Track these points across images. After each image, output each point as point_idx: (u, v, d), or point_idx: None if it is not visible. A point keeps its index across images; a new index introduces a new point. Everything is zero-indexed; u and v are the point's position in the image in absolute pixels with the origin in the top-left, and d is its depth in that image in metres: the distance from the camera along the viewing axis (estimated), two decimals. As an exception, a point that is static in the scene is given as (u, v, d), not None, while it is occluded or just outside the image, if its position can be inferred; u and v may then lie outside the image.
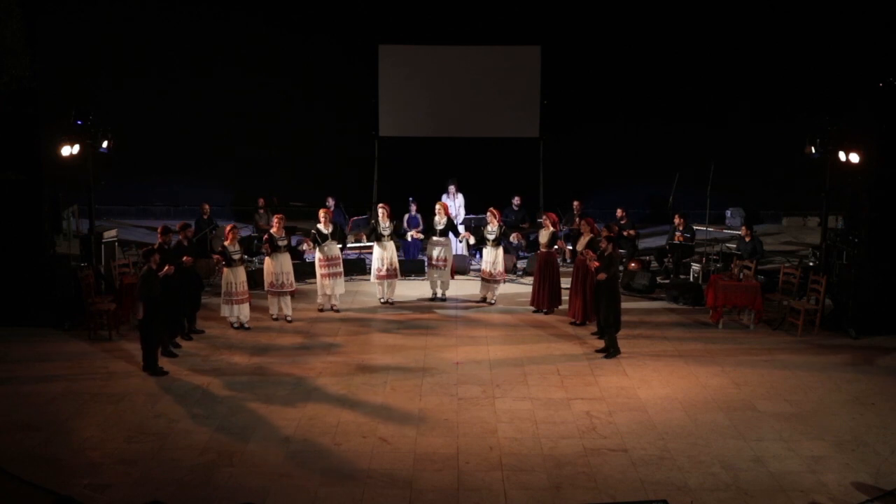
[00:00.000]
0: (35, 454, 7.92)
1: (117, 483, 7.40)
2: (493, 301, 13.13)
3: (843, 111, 13.07)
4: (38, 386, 9.60)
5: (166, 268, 10.06)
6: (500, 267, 12.95)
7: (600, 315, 10.99)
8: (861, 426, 8.74)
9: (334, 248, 12.60)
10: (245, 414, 8.88)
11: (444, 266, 13.20)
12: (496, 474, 7.63)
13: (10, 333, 11.30)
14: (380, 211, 13.15)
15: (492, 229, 12.95)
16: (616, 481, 7.52)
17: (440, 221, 13.11)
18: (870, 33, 13.13)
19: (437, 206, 13.21)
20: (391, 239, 13.07)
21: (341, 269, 12.75)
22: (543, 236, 12.65)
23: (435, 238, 13.14)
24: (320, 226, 12.49)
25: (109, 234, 13.74)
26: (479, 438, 8.35)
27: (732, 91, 17.81)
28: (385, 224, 13.00)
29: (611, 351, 10.77)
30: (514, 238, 13.34)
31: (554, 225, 12.69)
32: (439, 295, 13.40)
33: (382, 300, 13.17)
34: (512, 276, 14.87)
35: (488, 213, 13.14)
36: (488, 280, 13.05)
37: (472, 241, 13.59)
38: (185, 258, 10.86)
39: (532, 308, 12.78)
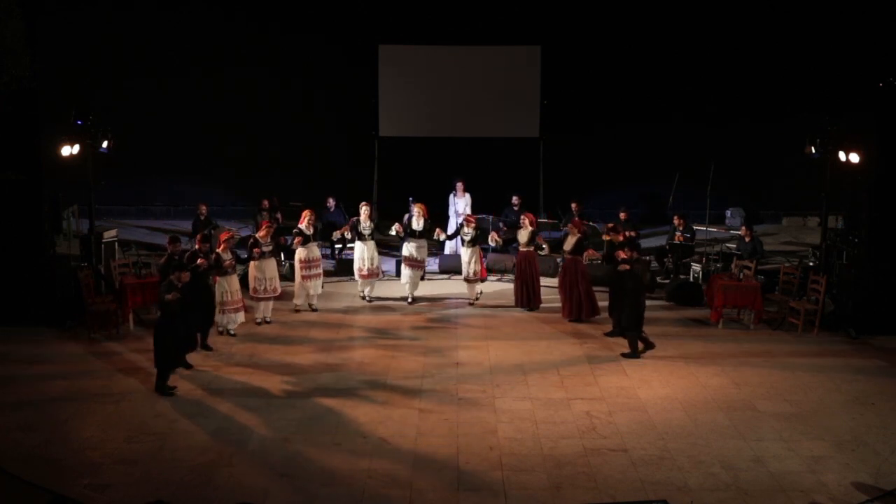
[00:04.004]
0: (35, 454, 7.92)
1: (117, 483, 7.40)
2: (476, 299, 13.18)
3: (843, 111, 13.07)
4: (38, 386, 9.60)
5: (182, 275, 9.66)
6: (477, 266, 12.99)
7: (621, 316, 11.01)
8: (861, 426, 8.74)
9: (315, 249, 12.57)
10: (245, 414, 8.88)
11: (420, 266, 13.21)
12: (496, 474, 7.62)
13: (10, 333, 11.30)
14: (362, 210, 13.07)
15: (467, 231, 13.04)
16: (616, 481, 7.52)
17: (418, 223, 13.08)
18: (870, 33, 13.12)
19: (416, 209, 13.16)
20: (373, 238, 13.06)
21: (321, 270, 12.73)
22: (523, 236, 12.81)
23: (412, 239, 13.09)
24: (302, 226, 12.42)
25: (109, 234, 13.72)
26: (479, 438, 8.35)
27: (732, 91, 17.80)
28: (367, 223, 12.97)
29: (631, 353, 10.74)
30: (491, 239, 13.32)
31: (532, 224, 12.83)
32: (411, 297, 13.30)
33: (367, 299, 13.17)
34: (512, 276, 14.86)
35: (464, 219, 13.33)
36: (466, 280, 13.13)
37: (443, 237, 13.60)
38: (199, 260, 10.62)
39: (520, 308, 12.88)
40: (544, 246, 12.87)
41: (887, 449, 8.21)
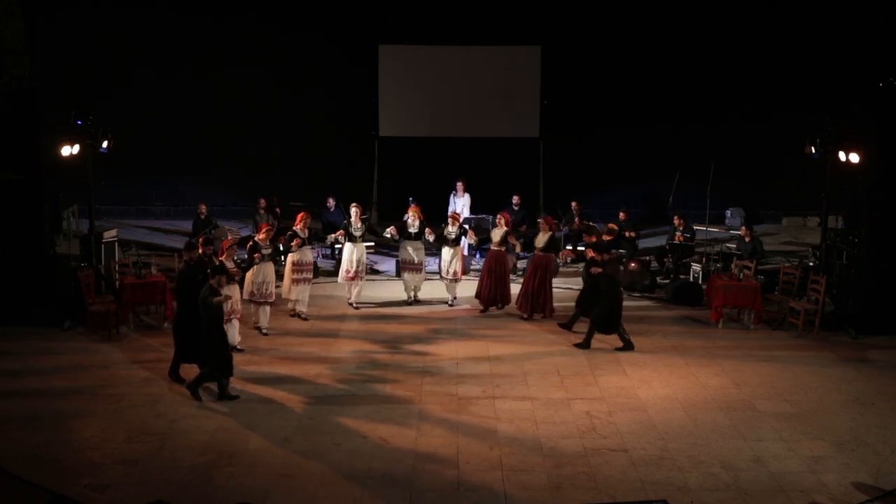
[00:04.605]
0: (35, 454, 7.92)
1: (117, 483, 7.39)
2: (453, 301, 13.13)
3: (843, 111, 13.07)
4: (38, 386, 9.59)
5: (222, 279, 9.37)
6: (456, 266, 12.97)
7: (591, 311, 11.14)
8: (861, 426, 8.75)
9: (308, 253, 12.39)
10: (245, 414, 8.88)
11: (419, 269, 13.13)
12: (496, 474, 7.62)
13: (11, 333, 11.29)
14: (352, 211, 12.92)
15: (451, 230, 13.01)
16: (616, 481, 7.52)
17: (413, 224, 13.01)
18: (869, 33, 13.12)
19: (410, 210, 13.10)
20: (363, 240, 12.96)
21: (311, 275, 12.45)
22: (496, 234, 12.83)
23: (408, 241, 13.02)
24: (298, 228, 12.13)
25: (109, 234, 13.72)
26: (479, 438, 8.35)
27: (732, 91, 17.80)
28: (357, 225, 12.83)
29: (584, 343, 11.03)
30: (468, 237, 13.28)
31: (507, 224, 12.85)
32: (412, 297, 13.26)
33: (354, 305, 12.94)
34: (512, 276, 14.86)
35: (449, 218, 13.25)
36: (444, 279, 13.10)
37: (431, 238, 13.55)
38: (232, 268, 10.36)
39: (480, 306, 12.89)
40: (517, 245, 12.89)
41: (887, 449, 8.21)
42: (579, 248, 14.46)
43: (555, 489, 7.38)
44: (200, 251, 10.60)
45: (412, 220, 13.03)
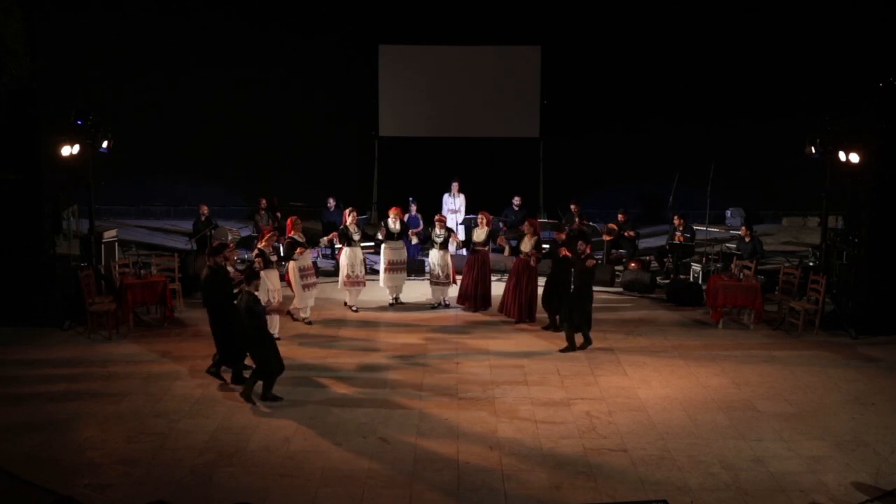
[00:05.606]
0: (35, 454, 7.92)
1: (117, 483, 7.39)
2: (447, 304, 13.09)
3: (843, 111, 13.07)
4: (38, 386, 9.60)
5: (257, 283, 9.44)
6: (448, 269, 12.94)
7: (573, 312, 11.05)
8: (861, 426, 8.74)
9: (307, 257, 12.27)
10: (245, 414, 8.88)
11: (402, 269, 13.10)
12: (496, 474, 7.62)
13: (11, 333, 11.30)
14: (348, 216, 12.80)
15: (438, 232, 12.96)
16: (616, 481, 7.52)
17: (394, 226, 12.97)
18: (870, 33, 13.13)
19: (391, 212, 13.06)
20: (360, 244, 12.88)
21: (315, 279, 12.36)
22: (479, 235, 12.78)
23: (389, 242, 12.97)
24: (293, 235, 12.01)
25: (109, 234, 13.72)
26: (479, 438, 8.35)
27: (732, 91, 17.81)
28: (354, 228, 12.74)
29: (586, 342, 11.02)
30: (452, 239, 13.23)
31: (489, 224, 12.80)
32: (394, 298, 13.23)
33: (354, 309, 12.85)
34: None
35: (436, 221, 13.15)
36: (436, 283, 13.04)
37: (415, 240, 13.45)
38: (233, 273, 10.24)
39: (460, 306, 12.86)
40: (506, 247, 12.85)
41: (887, 449, 8.21)
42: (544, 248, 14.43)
43: (555, 489, 7.38)
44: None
45: (392, 220, 13.00)
